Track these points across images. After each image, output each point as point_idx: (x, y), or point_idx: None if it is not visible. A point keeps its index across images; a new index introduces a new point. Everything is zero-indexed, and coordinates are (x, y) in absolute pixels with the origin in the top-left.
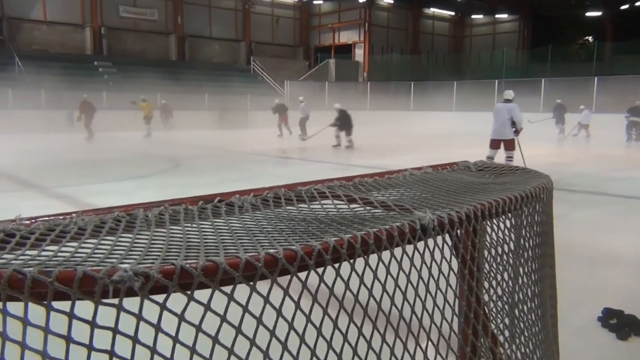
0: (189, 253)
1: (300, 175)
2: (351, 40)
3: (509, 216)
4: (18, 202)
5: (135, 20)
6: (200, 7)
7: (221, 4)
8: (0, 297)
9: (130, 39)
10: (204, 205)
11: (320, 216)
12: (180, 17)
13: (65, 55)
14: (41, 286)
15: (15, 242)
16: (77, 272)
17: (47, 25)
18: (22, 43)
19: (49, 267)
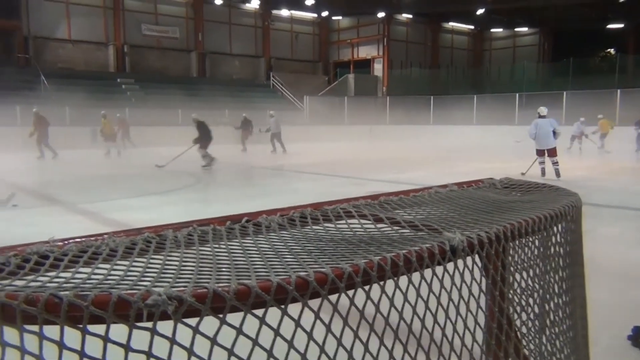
0: (220, 275)
1: (318, 189)
2: (370, 55)
3: (538, 235)
4: (43, 218)
5: (158, 38)
6: (220, 25)
7: (241, 21)
8: (37, 320)
9: (152, 57)
10: (232, 225)
11: (347, 236)
12: (201, 34)
13: (90, 73)
14: (77, 310)
15: (49, 264)
16: (112, 295)
17: (72, 44)
18: (48, 61)
19: (83, 290)
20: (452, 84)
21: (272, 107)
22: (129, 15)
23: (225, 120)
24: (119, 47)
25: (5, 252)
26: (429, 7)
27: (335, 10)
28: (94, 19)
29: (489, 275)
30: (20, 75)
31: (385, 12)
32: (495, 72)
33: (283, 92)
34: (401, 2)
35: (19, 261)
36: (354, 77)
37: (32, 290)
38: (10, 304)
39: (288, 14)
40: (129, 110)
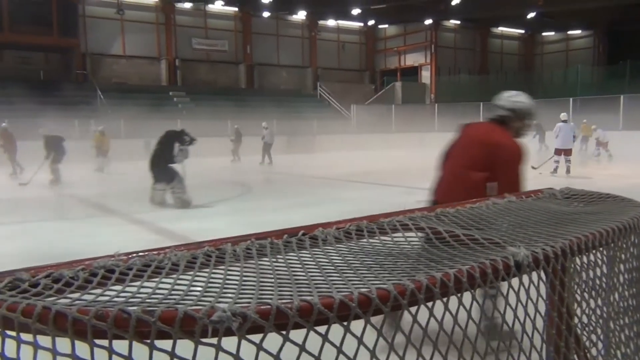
0: (281, 291)
1: (367, 198)
2: (417, 62)
3: (605, 250)
4: (101, 228)
5: (207, 52)
6: (268, 36)
7: (288, 32)
8: (107, 335)
9: (202, 70)
10: (289, 238)
11: (406, 250)
12: (249, 46)
13: (143, 87)
14: (145, 325)
15: (115, 278)
16: (179, 311)
17: (126, 60)
18: (104, 77)
19: (150, 305)
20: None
21: (318, 116)
22: (180, 30)
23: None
24: (171, 61)
25: (74, 266)
26: (477, 13)
27: (382, 19)
28: (147, 35)
29: (555, 292)
30: (78, 91)
31: (433, 19)
32: (547, 76)
33: (330, 102)
34: (449, 8)
35: (86, 275)
36: (401, 85)
37: (102, 306)
38: (82, 319)
39: (334, 24)
40: (181, 122)
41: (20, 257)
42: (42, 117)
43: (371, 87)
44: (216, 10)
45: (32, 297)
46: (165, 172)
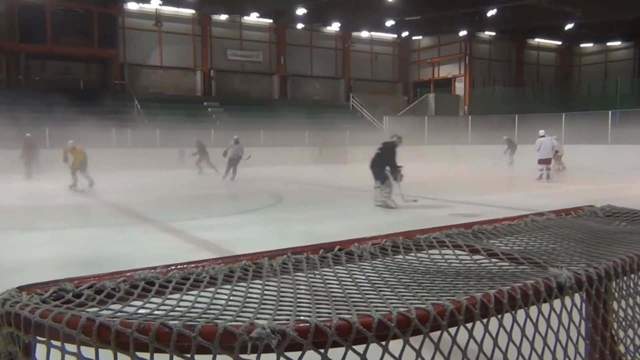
0: (319, 308)
1: (400, 211)
2: (451, 74)
3: None
4: (137, 236)
5: (242, 63)
6: (302, 48)
7: (322, 43)
8: (148, 348)
9: (236, 80)
10: (325, 254)
11: (443, 268)
12: (283, 57)
13: (178, 97)
14: (185, 340)
15: (155, 290)
16: (219, 327)
17: (163, 70)
18: (141, 87)
19: (190, 319)
20: (538, 102)
21: (350, 127)
22: (215, 42)
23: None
24: (206, 72)
25: (116, 277)
26: (513, 24)
27: (416, 31)
28: (184, 46)
29: (599, 315)
30: (116, 100)
31: (468, 30)
32: (585, 88)
33: (362, 113)
34: (484, 19)
35: (127, 287)
36: (435, 97)
37: (143, 319)
38: (124, 331)
39: (368, 36)
40: (214, 132)
41: (56, 263)
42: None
43: (404, 98)
44: (251, 22)
45: (76, 308)
46: (380, 173)
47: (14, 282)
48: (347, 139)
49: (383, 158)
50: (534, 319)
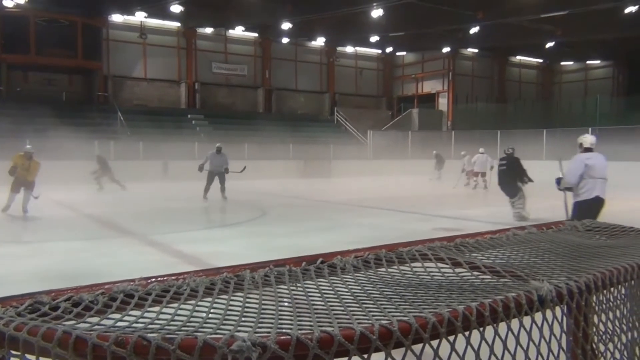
0: (300, 320)
1: (384, 224)
2: (435, 89)
3: (629, 285)
4: (118, 249)
5: (227, 76)
6: (286, 62)
7: (307, 58)
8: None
9: (221, 93)
10: (307, 266)
11: (425, 281)
12: (268, 71)
13: (162, 109)
14: (164, 353)
15: (135, 303)
16: (198, 340)
17: (147, 82)
18: (124, 99)
19: (169, 332)
20: (520, 118)
21: (335, 141)
22: (200, 55)
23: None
24: (191, 84)
25: (94, 289)
26: (495, 42)
27: (400, 46)
28: (169, 58)
29: (580, 328)
30: (100, 112)
31: (451, 47)
32: (566, 105)
33: (347, 127)
34: (467, 37)
35: (106, 299)
36: (418, 112)
37: (121, 332)
38: (102, 345)
39: (352, 51)
40: (198, 144)
41: (37, 276)
42: (63, 138)
43: (388, 113)
44: (236, 35)
45: (52, 321)
46: (513, 188)
47: None
48: (332, 153)
49: (512, 173)
50: (516, 332)
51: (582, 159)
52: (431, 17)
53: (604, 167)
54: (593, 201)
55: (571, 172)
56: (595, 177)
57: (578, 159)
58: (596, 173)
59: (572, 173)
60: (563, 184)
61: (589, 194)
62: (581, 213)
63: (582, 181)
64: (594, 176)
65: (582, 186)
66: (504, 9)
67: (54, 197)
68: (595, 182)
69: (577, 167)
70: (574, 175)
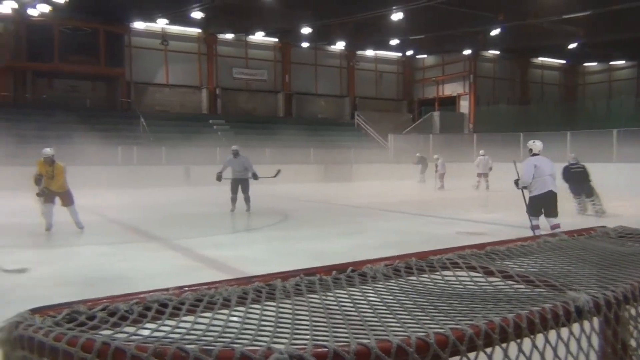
0: (335, 331)
1: (407, 229)
2: (456, 92)
3: None
4: (142, 253)
5: (247, 81)
6: (306, 67)
7: (326, 62)
8: None
9: (242, 98)
10: (337, 275)
11: (458, 290)
12: (288, 76)
13: (184, 115)
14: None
15: (169, 312)
16: (236, 352)
17: (168, 88)
18: (146, 105)
19: (206, 343)
20: (543, 120)
21: (355, 145)
22: (221, 60)
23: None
24: (212, 90)
25: (129, 299)
26: (517, 43)
27: (421, 49)
28: (190, 64)
29: (618, 340)
30: (122, 118)
31: (472, 49)
32: (590, 107)
33: (367, 131)
34: (488, 39)
35: (141, 309)
36: (439, 115)
37: (159, 342)
38: (140, 356)
39: (372, 54)
40: (220, 149)
41: (61, 280)
42: (87, 144)
43: (409, 116)
44: (257, 40)
45: (90, 331)
46: (589, 187)
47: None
48: (352, 157)
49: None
50: (553, 344)
51: (532, 161)
52: (451, 20)
53: (550, 167)
54: (546, 194)
55: (526, 173)
56: (544, 175)
57: (529, 163)
58: (544, 172)
59: (527, 174)
60: (521, 184)
61: (541, 189)
62: (538, 204)
63: (534, 180)
64: (543, 174)
65: (534, 183)
66: (525, 11)
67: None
68: (544, 179)
69: (529, 169)
70: (528, 175)
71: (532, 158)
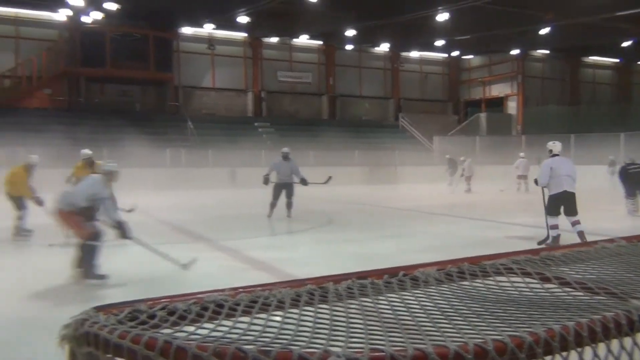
0: (391, 335)
1: (453, 232)
2: (503, 93)
3: None
4: (190, 254)
5: (292, 84)
6: (350, 68)
7: (371, 64)
8: None
9: (286, 101)
10: (389, 279)
11: (514, 297)
12: (332, 78)
13: (230, 118)
14: None
15: (225, 313)
16: (293, 354)
17: (215, 92)
18: (194, 108)
19: (264, 343)
20: (595, 121)
21: (400, 147)
22: (266, 64)
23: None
24: (257, 93)
25: (187, 298)
26: (567, 42)
27: (467, 50)
28: (236, 68)
29: None
30: (171, 122)
31: (520, 49)
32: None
33: (412, 132)
34: (537, 38)
35: (198, 309)
36: (486, 116)
37: (219, 343)
38: (201, 355)
39: (417, 55)
40: (265, 151)
41: (113, 279)
42: (137, 147)
43: (454, 118)
44: (301, 43)
45: (151, 329)
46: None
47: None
48: (396, 159)
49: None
50: (616, 353)
51: (548, 163)
52: (499, 19)
53: (568, 167)
54: (562, 194)
55: (541, 175)
56: (560, 175)
57: (545, 164)
58: (561, 172)
59: (542, 175)
60: (539, 184)
61: (557, 188)
62: (555, 204)
63: (550, 179)
64: (560, 175)
65: (551, 183)
66: (575, 8)
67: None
68: (561, 179)
69: (545, 170)
70: (544, 176)
71: (549, 159)
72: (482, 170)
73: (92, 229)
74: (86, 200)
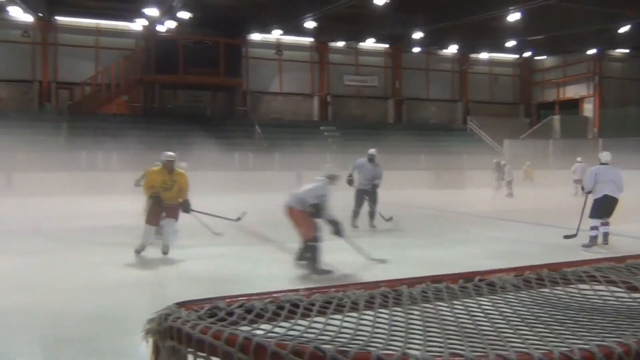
0: (470, 341)
1: (523, 238)
2: (578, 94)
3: None
4: (258, 254)
5: (358, 87)
6: (417, 71)
7: (438, 66)
8: None
9: (352, 105)
10: (465, 284)
11: (598, 305)
12: (399, 82)
13: (296, 122)
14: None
15: (301, 313)
16: (372, 355)
17: (282, 96)
18: (262, 113)
19: (341, 344)
20: None
21: (468, 151)
22: (332, 68)
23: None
24: (323, 97)
25: (263, 297)
26: None
27: (540, 50)
28: (302, 73)
29: None
30: (239, 126)
31: (597, 48)
32: None
33: (481, 136)
34: (615, 36)
35: (274, 308)
36: (560, 119)
37: (297, 342)
38: (280, 352)
39: (487, 57)
40: (330, 155)
41: (188, 278)
42: (208, 150)
43: (526, 121)
44: (367, 47)
45: (230, 326)
46: None
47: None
48: (465, 163)
49: None
50: None
51: (593, 170)
52: (574, 18)
53: (612, 174)
54: (603, 198)
55: (587, 181)
56: (604, 181)
57: (590, 171)
58: (605, 179)
59: (587, 181)
60: (584, 190)
61: (599, 193)
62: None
63: (595, 185)
64: (603, 181)
65: (596, 189)
66: None
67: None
68: (603, 184)
69: (590, 177)
70: (589, 183)
71: (593, 168)
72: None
73: (315, 232)
74: (315, 199)
